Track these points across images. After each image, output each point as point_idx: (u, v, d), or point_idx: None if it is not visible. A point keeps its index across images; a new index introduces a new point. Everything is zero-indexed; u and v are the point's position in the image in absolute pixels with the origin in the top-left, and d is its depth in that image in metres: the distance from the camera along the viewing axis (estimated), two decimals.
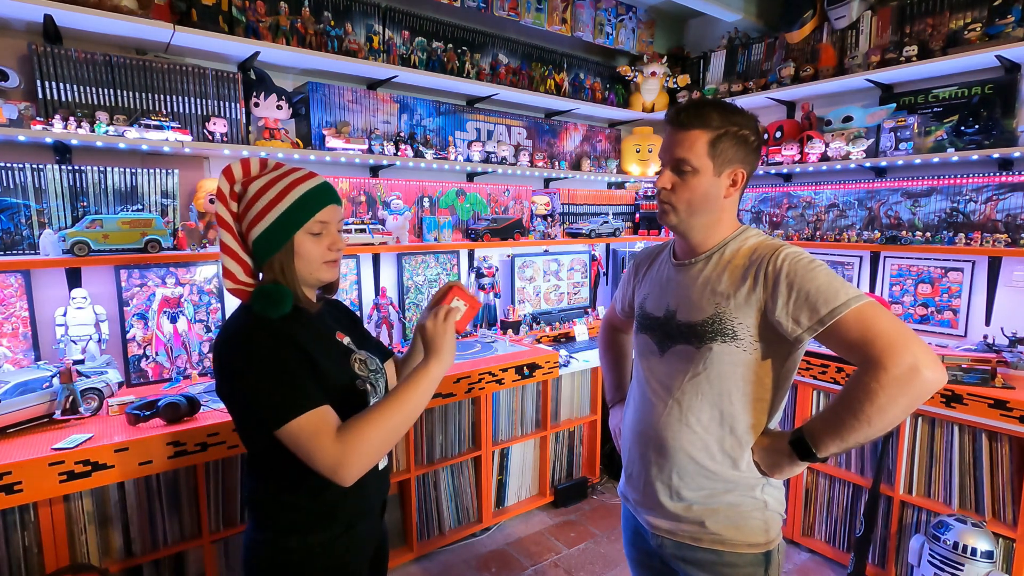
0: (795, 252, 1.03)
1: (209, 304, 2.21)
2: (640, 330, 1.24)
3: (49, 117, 1.80)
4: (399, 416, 0.97)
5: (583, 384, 2.95)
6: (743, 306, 1.04)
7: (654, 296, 1.21)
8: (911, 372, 0.89)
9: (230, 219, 1.03)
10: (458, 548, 2.51)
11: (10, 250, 1.86)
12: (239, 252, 1.03)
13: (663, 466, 1.13)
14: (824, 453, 0.99)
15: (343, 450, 0.91)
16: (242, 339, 0.97)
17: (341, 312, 1.25)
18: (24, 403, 1.59)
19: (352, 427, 0.94)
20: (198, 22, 1.96)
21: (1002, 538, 1.91)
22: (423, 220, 2.69)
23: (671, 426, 1.11)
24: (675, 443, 1.11)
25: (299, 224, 1.01)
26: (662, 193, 1.11)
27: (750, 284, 1.04)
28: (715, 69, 3.25)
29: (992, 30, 2.18)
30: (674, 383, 1.12)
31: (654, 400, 1.15)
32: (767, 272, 1.03)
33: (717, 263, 1.11)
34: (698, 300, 1.09)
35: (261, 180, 1.02)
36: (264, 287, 0.99)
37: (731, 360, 1.06)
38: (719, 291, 1.07)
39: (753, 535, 1.09)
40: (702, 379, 1.08)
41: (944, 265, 2.50)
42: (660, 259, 1.27)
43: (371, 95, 2.55)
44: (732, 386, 1.07)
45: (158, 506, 1.74)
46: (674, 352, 1.13)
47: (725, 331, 1.05)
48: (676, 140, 1.08)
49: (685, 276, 1.15)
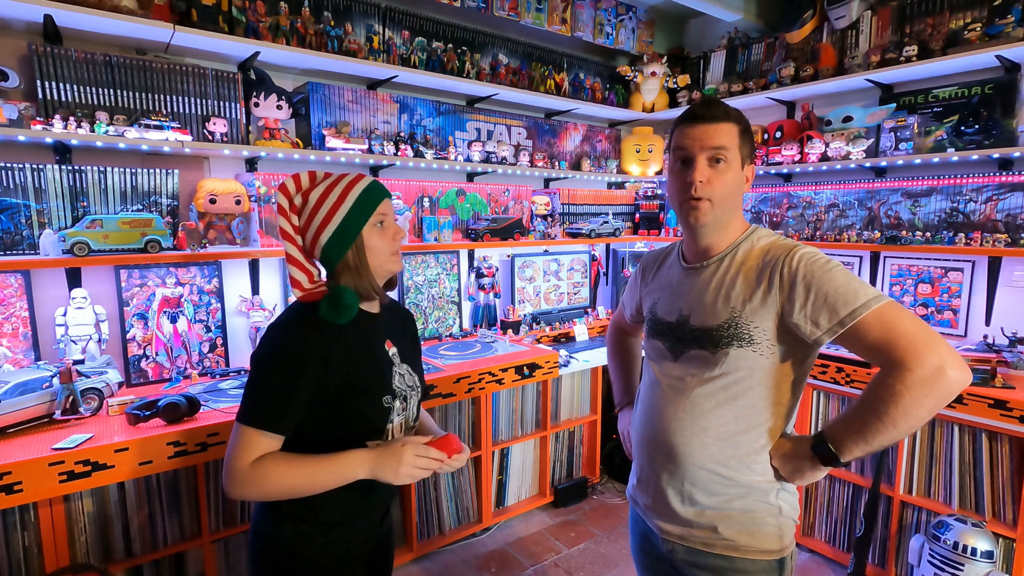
0: (810, 252, 1.02)
1: (209, 304, 2.21)
2: (652, 335, 1.21)
3: (49, 117, 1.80)
4: (306, 484, 1.02)
5: (583, 384, 2.95)
6: (759, 310, 1.03)
7: (665, 301, 1.19)
8: (937, 373, 0.88)
9: (292, 231, 1.09)
10: (458, 548, 2.51)
11: (10, 250, 1.86)
12: (304, 262, 1.09)
13: (675, 472, 1.11)
14: (848, 457, 0.97)
15: (243, 477, 0.99)
16: (277, 335, 1.05)
17: (401, 321, 1.28)
18: (24, 403, 1.59)
19: (265, 466, 1.00)
20: (198, 22, 1.96)
21: (1002, 538, 1.90)
22: (423, 220, 2.69)
23: (684, 432, 1.09)
24: (688, 449, 1.08)
25: (364, 219, 1.08)
26: (700, 187, 1.05)
27: (765, 287, 1.03)
28: (715, 69, 3.25)
29: (992, 30, 2.18)
30: (688, 388, 1.10)
31: (666, 405, 1.13)
32: (783, 274, 1.01)
33: (730, 266, 1.09)
34: (712, 304, 1.07)
35: (318, 189, 1.09)
36: (339, 294, 1.04)
37: (748, 365, 1.04)
38: (734, 295, 1.05)
39: (767, 541, 1.07)
40: (718, 384, 1.06)
41: (944, 265, 2.50)
42: (668, 263, 1.25)
43: (371, 95, 2.55)
44: (749, 390, 1.05)
45: (158, 506, 1.74)
46: (688, 357, 1.11)
47: (741, 335, 1.04)
48: (710, 132, 1.05)
49: (697, 280, 1.13)
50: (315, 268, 1.12)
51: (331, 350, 1.04)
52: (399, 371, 1.16)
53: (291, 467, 1.01)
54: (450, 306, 2.94)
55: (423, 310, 2.84)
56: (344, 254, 1.08)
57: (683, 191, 1.08)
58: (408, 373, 1.19)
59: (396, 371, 1.15)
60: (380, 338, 1.16)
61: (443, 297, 2.91)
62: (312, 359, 1.02)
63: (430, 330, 2.87)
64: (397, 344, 1.20)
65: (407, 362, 1.20)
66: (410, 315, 1.34)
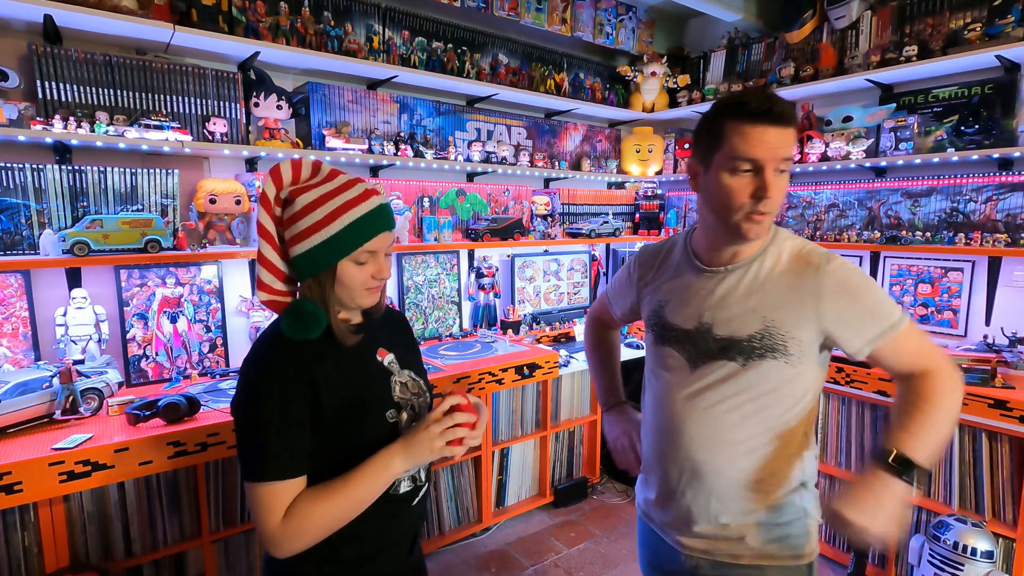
0: (846, 263, 1.00)
1: (209, 304, 2.21)
2: (662, 342, 1.12)
3: (49, 117, 1.80)
4: (348, 508, 0.92)
5: (583, 384, 2.95)
6: (795, 319, 0.98)
7: (676, 305, 1.10)
8: (956, 372, 0.99)
9: (271, 226, 0.94)
10: (458, 548, 2.51)
11: (10, 250, 1.86)
12: (276, 262, 0.95)
13: (700, 488, 1.05)
14: (928, 465, 0.91)
15: (283, 534, 0.89)
16: (251, 374, 0.93)
17: (393, 323, 1.16)
18: (24, 403, 1.59)
19: (300, 515, 0.89)
20: (198, 22, 1.96)
21: (1002, 538, 1.90)
22: (423, 220, 2.69)
23: (711, 448, 1.03)
24: (716, 466, 1.02)
25: (345, 253, 0.93)
26: (771, 203, 0.95)
27: (803, 296, 0.98)
28: (715, 69, 3.25)
29: (992, 30, 2.18)
30: (711, 401, 1.03)
31: (687, 420, 1.05)
32: (822, 284, 0.97)
33: (759, 272, 1.02)
34: (741, 313, 1.01)
35: (311, 194, 0.93)
36: (298, 307, 0.92)
37: (779, 376, 0.99)
38: (767, 304, 1.00)
39: (796, 547, 1.04)
40: (745, 397, 1.00)
41: (944, 265, 2.50)
42: (672, 262, 1.16)
43: (371, 95, 2.55)
44: (778, 401, 1.00)
45: (158, 506, 1.74)
46: (711, 368, 1.03)
47: (775, 346, 0.98)
48: (783, 139, 0.93)
49: (720, 286, 1.05)
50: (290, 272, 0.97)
51: (315, 371, 0.92)
52: (399, 380, 1.05)
53: (327, 500, 0.90)
54: (450, 306, 2.94)
55: (423, 310, 2.84)
56: (310, 276, 0.95)
57: (746, 203, 0.95)
58: (411, 379, 1.08)
59: (396, 380, 1.04)
60: (370, 348, 1.04)
61: (443, 297, 2.91)
62: (297, 386, 0.91)
63: (430, 330, 2.87)
64: (393, 350, 1.08)
65: (408, 367, 1.09)
66: (400, 315, 1.23)
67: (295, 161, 0.96)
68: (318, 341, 0.94)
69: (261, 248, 0.94)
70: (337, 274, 0.95)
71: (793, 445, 1.03)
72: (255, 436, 0.90)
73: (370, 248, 0.95)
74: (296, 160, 0.96)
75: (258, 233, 0.94)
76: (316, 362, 0.93)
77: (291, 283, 0.98)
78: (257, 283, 0.96)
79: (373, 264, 0.97)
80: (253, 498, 0.89)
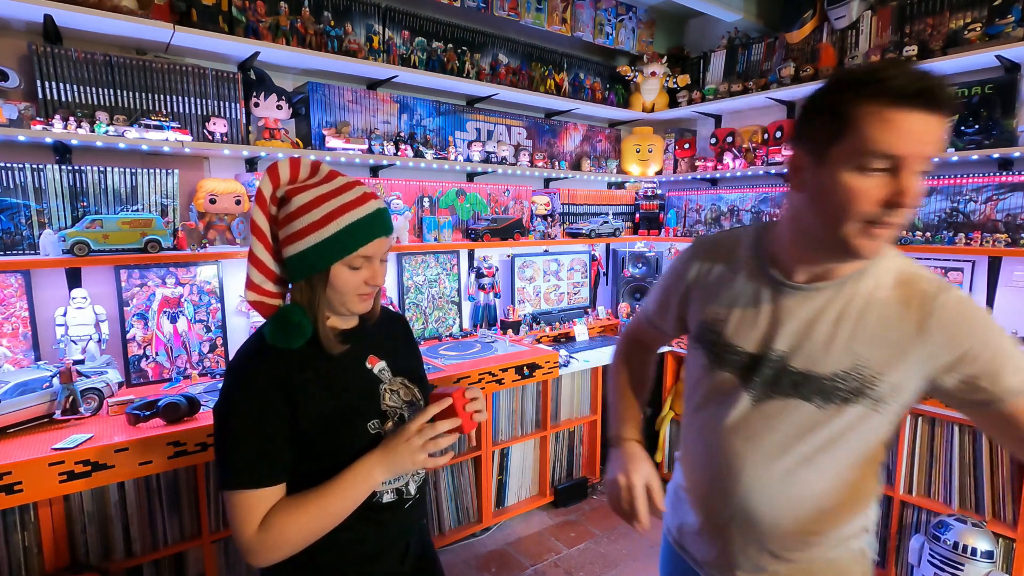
0: (965, 297, 0.81)
1: (209, 304, 2.21)
2: (717, 365, 0.94)
3: (49, 117, 1.80)
4: (326, 518, 0.91)
5: (583, 384, 2.95)
6: (898, 361, 0.80)
7: (740, 322, 0.92)
8: None
9: (265, 225, 0.92)
10: (458, 548, 2.51)
11: (10, 250, 1.86)
12: (267, 261, 0.93)
13: (752, 535, 0.91)
14: None
15: (259, 545, 0.88)
16: (233, 379, 0.92)
17: (391, 327, 1.13)
18: (24, 403, 1.59)
19: (275, 524, 0.88)
20: (198, 22, 1.96)
21: (1002, 538, 1.91)
22: (423, 220, 2.69)
23: (772, 500, 0.88)
24: (775, 520, 0.88)
25: (338, 257, 0.91)
26: (906, 214, 0.74)
27: (912, 333, 0.80)
28: (715, 69, 3.25)
29: (992, 30, 2.18)
30: (777, 449, 0.87)
31: (742, 466, 0.89)
32: (941, 320, 0.78)
33: (853, 295, 0.83)
34: (827, 344, 0.83)
35: (308, 194, 0.91)
36: (285, 316, 0.91)
37: (866, 427, 0.83)
38: (863, 337, 0.81)
39: None
40: (820, 448, 0.84)
41: (944, 265, 2.50)
42: (739, 265, 0.95)
43: (371, 95, 2.55)
44: (855, 451, 0.85)
45: (158, 506, 1.74)
46: (778, 407, 0.86)
47: (865, 391, 0.81)
48: (934, 129, 0.73)
49: (803, 307, 0.86)
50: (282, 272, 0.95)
51: (296, 380, 0.91)
52: (390, 388, 1.02)
53: (303, 510, 0.89)
54: (450, 306, 2.94)
55: (423, 310, 2.84)
56: (301, 279, 0.93)
57: (873, 211, 0.74)
58: (404, 387, 1.04)
59: (386, 389, 1.01)
60: (359, 356, 1.01)
61: (443, 297, 2.91)
62: (275, 395, 0.89)
63: (430, 330, 2.87)
64: (385, 356, 1.05)
65: (403, 373, 1.06)
66: (399, 316, 1.20)
67: (293, 160, 0.94)
68: (303, 348, 0.92)
69: (253, 247, 0.92)
70: (330, 278, 0.93)
71: (863, 492, 0.90)
72: (230, 444, 0.89)
73: (365, 253, 0.93)
74: (295, 159, 0.94)
75: (251, 231, 0.92)
76: (298, 370, 0.92)
77: (281, 284, 0.96)
78: (246, 282, 0.93)
79: (367, 269, 0.96)
80: (228, 506, 0.89)
